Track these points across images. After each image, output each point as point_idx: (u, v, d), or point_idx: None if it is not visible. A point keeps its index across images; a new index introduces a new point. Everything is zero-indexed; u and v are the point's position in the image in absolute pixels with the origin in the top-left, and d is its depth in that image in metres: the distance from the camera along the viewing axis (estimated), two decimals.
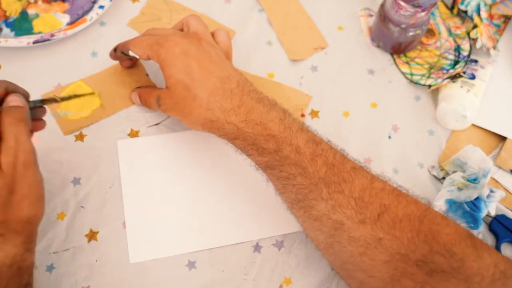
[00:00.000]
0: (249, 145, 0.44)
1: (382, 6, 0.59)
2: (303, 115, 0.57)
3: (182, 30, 0.52)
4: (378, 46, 0.62)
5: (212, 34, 0.51)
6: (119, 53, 0.53)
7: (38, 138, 0.45)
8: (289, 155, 0.43)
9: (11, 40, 0.56)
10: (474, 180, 0.51)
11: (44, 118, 0.45)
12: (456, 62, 0.60)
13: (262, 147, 0.44)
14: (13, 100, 0.40)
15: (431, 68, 0.61)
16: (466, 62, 0.59)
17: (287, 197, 0.45)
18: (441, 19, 0.64)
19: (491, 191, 0.51)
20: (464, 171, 0.53)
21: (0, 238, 0.37)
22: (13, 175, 0.38)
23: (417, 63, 0.61)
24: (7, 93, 0.41)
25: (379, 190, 0.41)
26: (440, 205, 0.51)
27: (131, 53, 0.50)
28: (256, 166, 0.46)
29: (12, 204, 0.38)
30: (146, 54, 0.48)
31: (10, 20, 0.59)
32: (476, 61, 0.60)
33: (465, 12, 0.63)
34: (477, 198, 0.51)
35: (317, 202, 0.42)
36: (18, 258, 0.38)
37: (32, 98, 0.44)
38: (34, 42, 0.56)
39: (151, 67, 0.57)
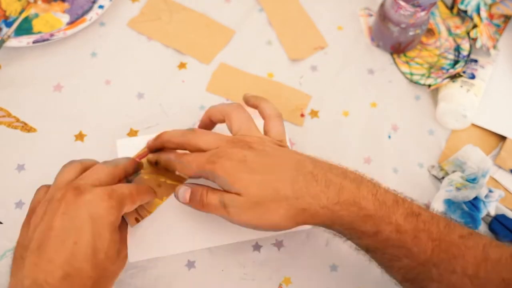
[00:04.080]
0: (347, 230, 0.41)
1: (382, 5, 0.59)
2: (302, 115, 0.57)
3: (221, 120, 0.48)
4: (378, 46, 0.62)
5: (265, 121, 0.48)
6: (161, 167, 0.48)
7: None
8: (390, 236, 0.39)
9: (11, 40, 0.56)
10: (473, 180, 0.51)
11: None
12: (456, 62, 0.60)
13: (361, 231, 0.40)
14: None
15: (431, 67, 0.61)
16: (466, 62, 0.59)
17: (394, 276, 0.42)
18: (441, 18, 0.64)
19: (490, 191, 0.51)
20: (463, 171, 0.53)
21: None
22: (119, 268, 0.43)
23: (417, 63, 0.61)
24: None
25: (495, 263, 0.38)
26: (438, 205, 0.51)
27: (177, 173, 0.46)
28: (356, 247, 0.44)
29: (105, 278, 0.40)
30: (197, 176, 0.44)
31: (10, 20, 0.59)
32: (476, 61, 0.60)
33: (465, 11, 0.63)
34: (475, 198, 0.51)
35: (429, 283, 0.39)
36: None
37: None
38: (33, 42, 0.56)
39: None
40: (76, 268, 0.37)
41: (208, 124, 0.50)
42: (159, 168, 0.48)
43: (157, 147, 0.48)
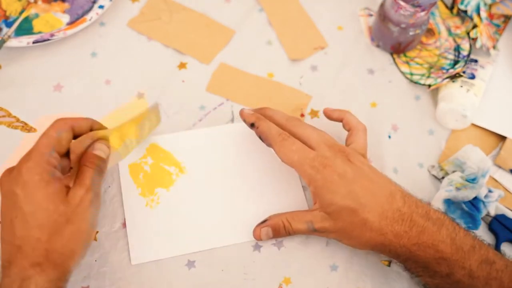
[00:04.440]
0: (420, 267, 0.43)
1: (382, 6, 0.59)
2: (302, 115, 0.57)
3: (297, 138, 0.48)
4: (378, 46, 0.62)
5: (350, 132, 0.50)
6: (256, 132, 0.49)
7: None
8: (462, 279, 0.41)
9: (11, 40, 0.56)
10: (473, 180, 0.51)
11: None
12: (456, 62, 0.60)
13: (434, 270, 0.42)
14: (98, 149, 0.43)
15: (431, 67, 0.61)
16: (466, 62, 0.59)
17: None
18: (441, 18, 0.64)
19: (490, 191, 0.51)
20: (463, 171, 0.53)
21: (37, 268, 0.37)
22: (75, 208, 0.39)
23: (417, 63, 0.61)
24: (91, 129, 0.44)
25: None
26: (438, 205, 0.51)
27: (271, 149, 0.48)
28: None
29: (62, 234, 0.38)
30: (292, 167, 0.46)
31: (10, 20, 0.59)
32: (476, 61, 0.60)
33: (465, 11, 0.63)
34: (475, 198, 0.50)
35: None
36: None
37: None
38: (34, 42, 0.56)
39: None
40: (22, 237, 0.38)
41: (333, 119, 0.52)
42: None
43: (251, 117, 0.49)
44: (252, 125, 0.49)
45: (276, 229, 0.47)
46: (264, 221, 0.48)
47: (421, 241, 0.42)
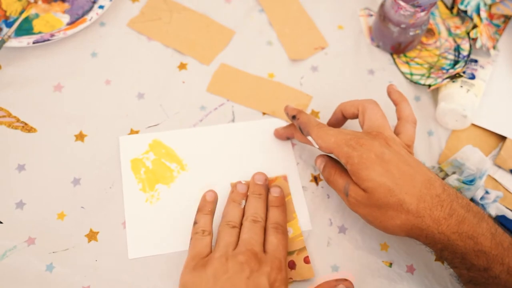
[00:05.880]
0: (457, 258, 0.42)
1: (382, 6, 0.59)
2: None
3: (355, 114, 0.49)
4: (378, 46, 0.63)
5: (399, 121, 0.49)
6: (296, 124, 0.50)
7: None
8: (499, 276, 0.41)
9: (11, 40, 0.56)
10: (471, 182, 0.51)
11: None
12: (456, 62, 0.60)
13: (471, 263, 0.41)
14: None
15: (431, 68, 0.61)
16: (466, 62, 0.59)
17: None
18: (441, 19, 0.64)
19: (486, 192, 0.51)
20: (462, 172, 0.53)
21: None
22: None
23: (417, 63, 0.61)
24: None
25: None
26: None
27: (309, 138, 0.48)
28: (455, 276, 0.45)
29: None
30: (330, 150, 0.45)
31: (10, 20, 0.59)
32: (476, 61, 0.60)
33: (465, 12, 0.63)
34: (471, 200, 0.50)
35: None
36: None
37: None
38: (34, 42, 0.56)
39: None
40: None
41: (340, 119, 0.51)
42: None
43: (294, 110, 0.51)
44: (293, 117, 0.50)
45: (326, 167, 0.48)
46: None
47: (461, 230, 0.41)
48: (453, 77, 0.58)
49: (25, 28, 0.58)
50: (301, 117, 0.49)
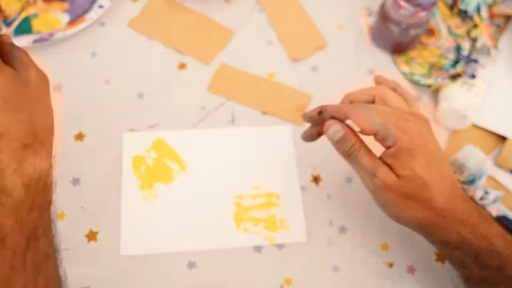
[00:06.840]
0: (470, 258, 0.42)
1: (382, 5, 0.59)
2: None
3: (369, 103, 0.46)
4: (378, 46, 0.62)
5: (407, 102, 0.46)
6: (326, 116, 0.44)
7: None
8: None
9: None
10: (471, 182, 0.51)
11: None
12: (456, 62, 0.60)
13: (484, 262, 0.41)
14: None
15: (431, 68, 0.61)
16: (466, 62, 0.59)
17: None
18: (441, 18, 0.64)
19: (486, 192, 0.51)
20: (462, 173, 0.53)
21: (29, 149, 0.37)
22: (38, 88, 0.40)
23: (417, 63, 0.61)
24: None
25: None
26: None
27: (348, 122, 0.43)
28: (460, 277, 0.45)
29: (39, 113, 0.39)
30: (374, 131, 0.41)
31: (9, 19, 0.58)
32: (476, 61, 0.60)
33: (465, 11, 0.63)
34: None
35: None
36: (44, 173, 0.37)
37: None
38: (33, 42, 0.56)
39: None
40: None
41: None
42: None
43: (315, 109, 0.46)
44: (319, 113, 0.45)
45: (344, 140, 0.42)
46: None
47: (476, 231, 0.41)
48: (454, 77, 0.58)
49: (24, 28, 0.58)
50: (328, 107, 0.45)
